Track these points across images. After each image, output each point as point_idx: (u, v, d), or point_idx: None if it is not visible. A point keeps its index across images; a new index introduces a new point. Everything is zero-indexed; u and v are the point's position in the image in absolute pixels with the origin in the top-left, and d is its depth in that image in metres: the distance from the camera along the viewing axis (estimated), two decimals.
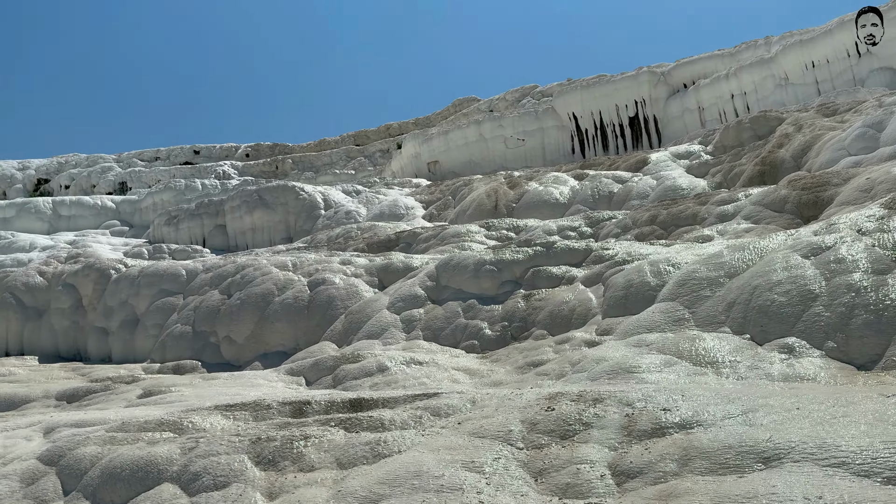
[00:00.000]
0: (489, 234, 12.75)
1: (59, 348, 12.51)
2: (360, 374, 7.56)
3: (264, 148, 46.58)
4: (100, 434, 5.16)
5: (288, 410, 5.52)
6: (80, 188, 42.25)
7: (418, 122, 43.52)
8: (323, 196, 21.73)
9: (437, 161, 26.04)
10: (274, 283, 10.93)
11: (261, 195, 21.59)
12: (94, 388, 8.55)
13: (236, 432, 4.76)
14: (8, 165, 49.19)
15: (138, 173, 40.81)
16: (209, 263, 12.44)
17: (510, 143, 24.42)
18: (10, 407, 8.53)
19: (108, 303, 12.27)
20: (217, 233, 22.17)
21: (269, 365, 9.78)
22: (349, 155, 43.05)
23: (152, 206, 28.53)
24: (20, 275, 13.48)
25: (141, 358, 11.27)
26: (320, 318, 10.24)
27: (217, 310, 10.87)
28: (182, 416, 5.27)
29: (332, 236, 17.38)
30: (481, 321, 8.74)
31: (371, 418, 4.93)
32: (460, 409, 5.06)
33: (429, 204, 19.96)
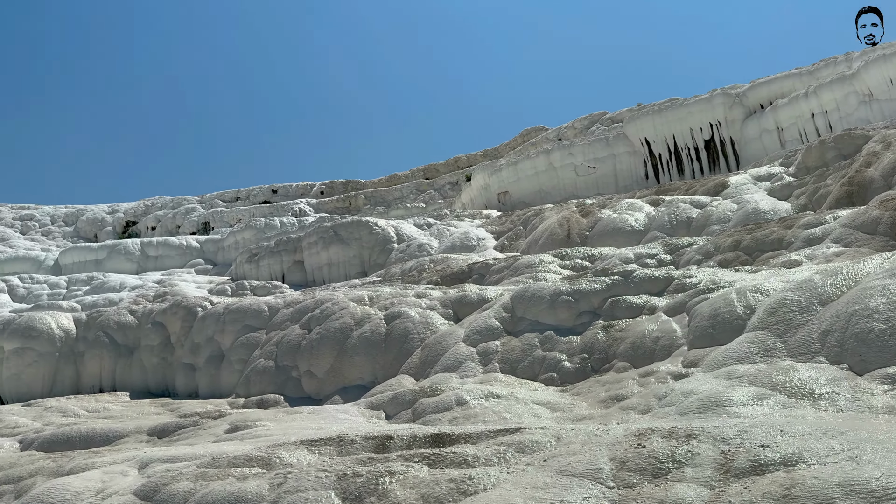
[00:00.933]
0: (563, 264, 12.61)
1: (149, 384, 13.03)
2: (439, 408, 7.53)
3: (338, 184, 47.81)
4: (192, 469, 5.30)
5: (371, 445, 5.55)
6: (166, 229, 44.32)
7: (486, 153, 43.81)
8: (395, 230, 22.05)
9: (507, 191, 26.06)
10: (352, 317, 11.09)
11: (336, 231, 22.10)
12: (183, 423, 8.83)
13: (322, 468, 4.81)
14: (99, 209, 52.19)
15: (220, 213, 42.52)
16: (290, 299, 12.76)
17: (581, 170, 24.22)
18: (105, 442, 8.90)
19: (195, 339, 12.73)
20: (295, 269, 22.77)
21: (348, 399, 9.89)
22: (419, 188, 43.67)
23: (234, 244, 29.60)
24: (112, 314, 14.17)
25: (226, 393, 11.60)
26: (397, 352, 10.31)
27: (298, 344, 11.11)
28: (269, 452, 5.37)
29: (406, 269, 17.57)
30: (559, 353, 8.60)
31: (454, 454, 4.89)
32: (545, 446, 4.96)
33: (500, 235, 19.95)
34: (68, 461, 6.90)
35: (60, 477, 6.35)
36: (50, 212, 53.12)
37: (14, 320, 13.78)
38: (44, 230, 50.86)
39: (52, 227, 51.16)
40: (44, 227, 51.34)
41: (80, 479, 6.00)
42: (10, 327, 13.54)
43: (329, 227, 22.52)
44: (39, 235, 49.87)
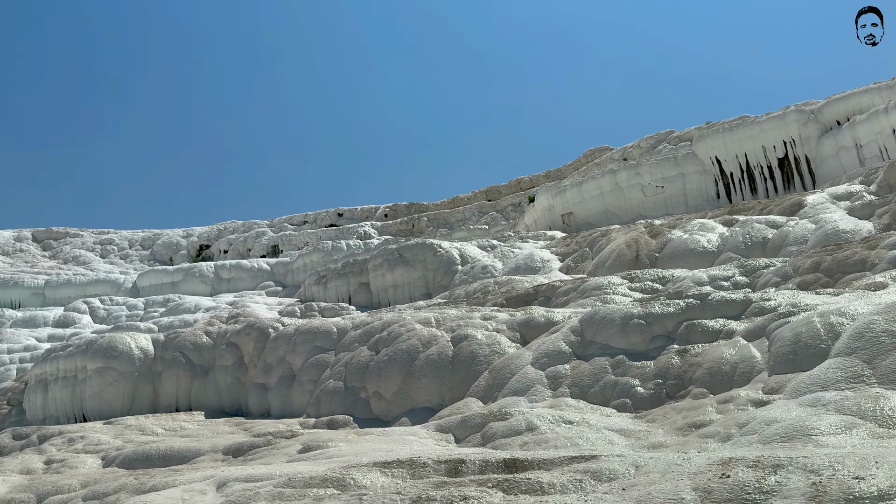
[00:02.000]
0: (633, 286, 12.37)
1: (223, 404, 13.38)
2: (508, 433, 7.46)
3: (401, 207, 48.43)
4: (268, 489, 5.40)
5: (443, 469, 5.53)
6: (238, 252, 45.73)
7: (549, 174, 43.63)
8: (459, 252, 22.11)
9: (572, 212, 25.82)
10: (418, 339, 11.15)
11: (401, 253, 22.33)
12: (257, 442, 9.02)
13: (396, 490, 4.82)
14: (174, 233, 54.30)
15: (289, 237, 43.62)
16: (358, 321, 12.93)
17: (648, 190, 23.80)
18: (182, 460, 9.18)
19: (267, 360, 13.03)
20: (362, 290, 23.09)
21: (416, 420, 9.90)
22: (481, 210, 43.77)
23: (302, 266, 30.27)
24: (188, 335, 14.65)
25: (297, 413, 11.80)
26: (464, 374, 10.28)
27: (366, 366, 11.22)
28: (343, 473, 5.42)
29: (470, 291, 17.56)
30: (632, 378, 8.41)
31: (529, 480, 4.83)
32: (623, 474, 4.84)
33: (565, 256, 19.75)
34: (149, 479, 7.13)
35: (142, 494, 6.57)
36: (128, 236, 55.60)
37: (96, 341, 14.41)
38: (122, 254, 53.24)
39: (130, 251, 53.49)
40: (122, 250, 53.74)
41: (162, 496, 6.19)
42: (92, 347, 14.16)
43: (394, 249, 22.78)
44: (118, 259, 52.22)
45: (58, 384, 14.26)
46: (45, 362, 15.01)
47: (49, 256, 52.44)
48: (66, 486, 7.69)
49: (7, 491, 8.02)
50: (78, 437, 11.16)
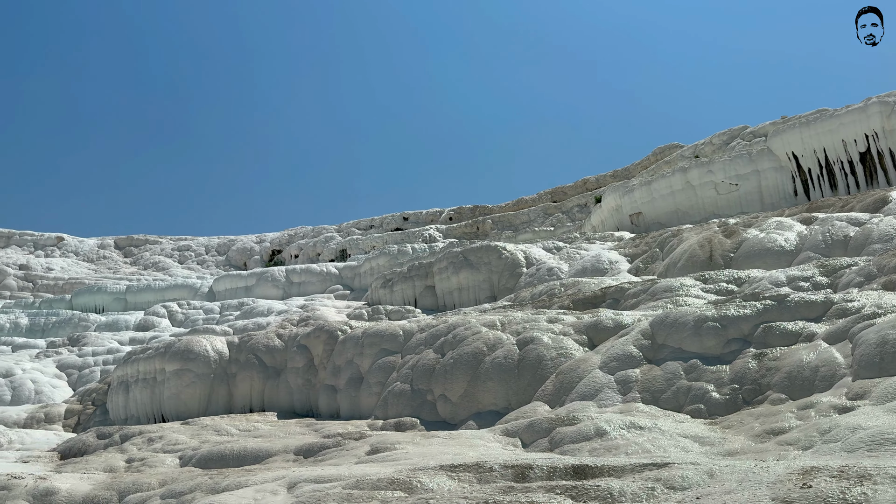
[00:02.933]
0: (706, 288, 11.97)
1: (295, 405, 13.66)
2: (577, 438, 7.33)
3: (465, 210, 48.48)
4: (337, 491, 5.46)
5: (510, 474, 5.47)
6: (307, 256, 46.77)
7: (616, 174, 42.85)
8: (524, 254, 21.94)
9: (640, 212, 25.25)
10: (484, 342, 11.10)
11: (465, 256, 22.33)
12: (327, 443, 9.16)
13: (463, 495, 4.79)
14: (247, 239, 55.98)
15: (356, 241, 44.33)
16: (423, 323, 12.98)
17: (721, 188, 23.03)
18: (256, 460, 9.40)
19: (336, 362, 13.23)
20: (427, 293, 23.21)
21: (482, 424, 9.85)
22: (546, 212, 43.38)
23: (369, 270, 30.68)
24: (261, 338, 15.03)
25: (366, 414, 11.93)
26: (531, 378, 10.17)
27: (432, 369, 11.25)
28: (411, 476, 5.43)
29: (536, 294, 17.39)
30: (706, 383, 8.13)
31: (598, 487, 4.71)
32: (697, 483, 4.67)
33: (634, 257, 19.32)
34: (223, 479, 7.33)
35: (217, 494, 6.75)
36: (204, 242, 57.66)
37: (174, 344, 14.96)
38: (199, 259, 55.24)
39: (207, 257, 55.45)
40: (199, 256, 55.76)
41: (235, 496, 6.35)
42: (170, 350, 14.71)
43: (458, 252, 22.80)
44: (195, 264, 54.21)
45: (138, 385, 14.87)
46: (127, 364, 15.68)
47: (130, 263, 54.93)
48: (146, 485, 8.00)
49: (91, 488, 8.39)
50: (157, 437, 11.60)
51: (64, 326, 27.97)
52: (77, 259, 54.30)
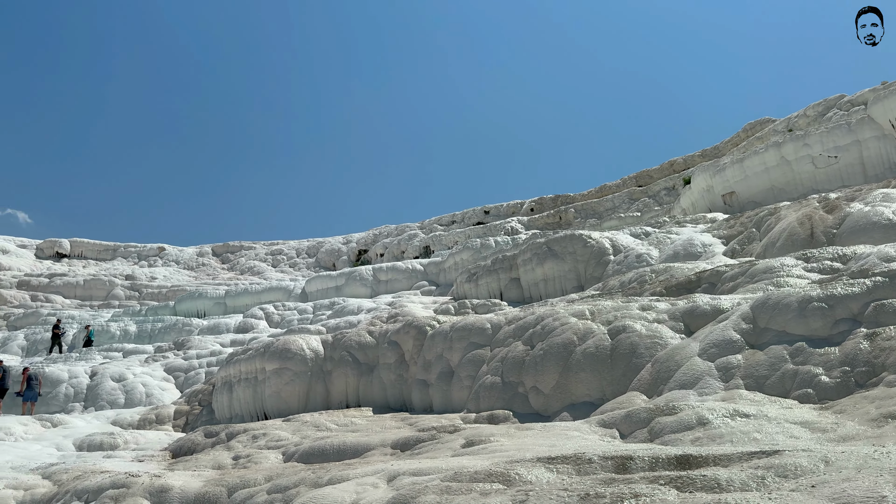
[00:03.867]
0: (809, 267, 11.35)
1: (388, 399, 13.90)
2: (678, 428, 7.09)
3: (547, 200, 47.93)
4: (436, 483, 5.50)
5: (610, 465, 5.35)
6: (392, 254, 47.51)
7: (705, 153, 41.29)
8: (611, 241, 21.47)
9: (734, 192, 24.21)
10: (574, 332, 10.92)
11: (549, 246, 22.07)
12: (422, 437, 9.26)
13: (563, 487, 4.72)
14: (335, 241, 57.43)
15: (438, 237, 44.65)
16: (510, 316, 12.92)
17: (819, 161, 21.77)
18: (355, 454, 9.62)
19: (426, 357, 13.37)
20: (512, 286, 23.11)
21: (576, 415, 9.71)
22: (632, 197, 42.31)
23: (453, 265, 30.85)
24: (353, 335, 15.37)
25: (458, 408, 12.00)
26: (625, 367, 9.93)
27: (522, 361, 11.18)
28: (508, 468, 5.40)
29: (625, 282, 16.98)
30: (814, 367, 7.70)
31: (705, 477, 4.54)
32: (811, 470, 4.42)
33: (729, 239, 18.55)
34: (325, 473, 7.53)
35: (320, 488, 6.94)
36: (295, 246, 59.58)
37: (272, 344, 15.50)
38: (291, 262, 57.12)
39: (298, 260, 57.28)
40: (290, 259, 57.66)
41: (337, 489, 6.50)
42: (269, 350, 15.26)
43: (542, 242, 22.56)
44: (287, 267, 56.10)
45: (240, 385, 15.51)
46: (229, 365, 16.39)
47: (227, 268, 57.42)
48: (252, 480, 8.32)
49: (202, 485, 8.81)
50: (261, 434, 12.05)
51: (169, 332, 29.56)
52: (178, 267, 57.24)
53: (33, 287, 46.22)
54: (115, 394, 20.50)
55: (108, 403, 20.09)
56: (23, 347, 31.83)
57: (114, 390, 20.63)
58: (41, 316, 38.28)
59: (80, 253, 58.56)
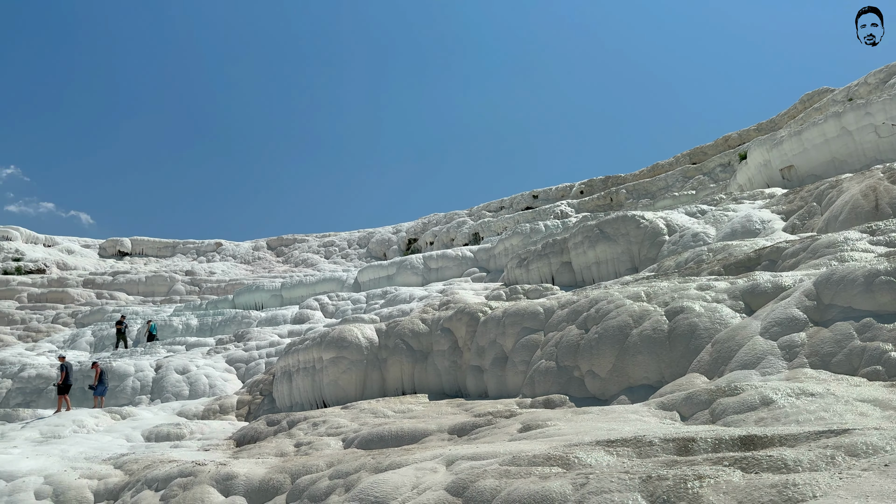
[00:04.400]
0: (874, 240, 10.89)
1: (443, 386, 13.98)
2: (741, 409, 6.92)
3: (597, 182, 47.23)
4: (494, 468, 5.51)
5: (672, 447, 5.27)
6: (442, 242, 47.62)
7: (761, 127, 40.01)
8: (665, 221, 21.04)
9: (792, 165, 23.41)
10: (629, 314, 10.76)
11: (601, 228, 21.76)
12: (478, 422, 9.28)
13: (624, 469, 4.67)
14: (385, 231, 57.87)
15: (487, 223, 44.53)
16: (563, 300, 12.81)
17: (883, 131, 20.84)
18: (413, 440, 9.71)
19: (479, 343, 13.38)
20: (564, 270, 22.89)
21: (634, 399, 9.58)
22: (686, 175, 41.34)
23: (503, 251, 30.74)
24: (407, 323, 15.49)
25: (513, 393, 11.99)
26: (684, 349, 9.74)
27: (577, 345, 11.08)
28: (567, 452, 5.37)
29: (681, 262, 16.63)
30: (883, 343, 7.41)
31: (771, 458, 4.42)
32: (884, 449, 4.26)
33: (788, 214, 17.96)
34: (384, 458, 7.63)
35: (380, 473, 7.03)
36: (346, 237, 60.30)
37: (328, 333, 15.75)
38: (342, 253, 57.87)
39: (349, 250, 57.98)
40: (342, 250, 58.41)
41: (397, 474, 6.58)
42: (325, 340, 15.51)
43: (593, 225, 22.26)
44: (340, 258, 56.86)
45: (299, 374, 15.82)
46: (288, 355, 16.73)
47: (282, 261, 58.55)
48: (314, 467, 8.49)
49: (266, 472, 9.03)
50: (321, 422, 12.28)
51: (229, 324, 30.35)
52: (235, 262, 58.61)
53: (98, 285, 48.06)
54: (179, 386, 21.19)
55: (173, 395, 20.78)
56: (91, 343, 33.19)
57: (178, 382, 21.32)
58: (106, 313, 39.82)
59: (140, 251, 60.54)
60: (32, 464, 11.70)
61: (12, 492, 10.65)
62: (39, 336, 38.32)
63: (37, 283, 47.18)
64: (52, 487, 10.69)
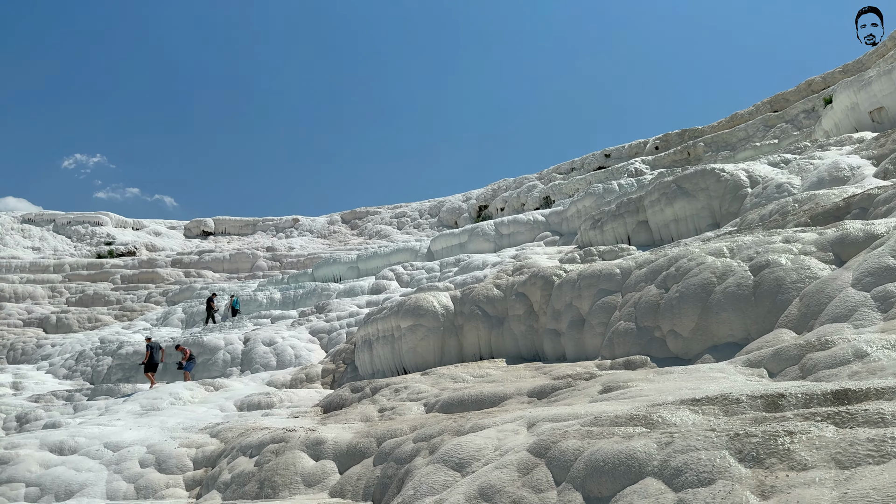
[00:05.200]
0: None
1: (520, 350, 14.01)
2: (832, 363, 6.65)
3: (672, 137, 45.69)
4: (576, 428, 5.50)
5: (760, 404, 5.12)
6: (512, 208, 47.30)
7: (847, 68, 37.63)
8: (747, 173, 20.20)
9: (882, 107, 21.95)
10: (711, 271, 10.44)
11: (679, 184, 21.11)
12: (557, 385, 9.28)
13: (710, 427, 4.58)
14: (455, 199, 57.92)
15: (558, 186, 43.89)
16: (641, 259, 12.54)
17: None
18: (492, 403, 9.81)
19: (555, 306, 13.30)
20: (640, 229, 22.38)
21: (719, 357, 9.35)
22: (767, 123, 39.46)
23: (576, 213, 30.28)
24: (481, 289, 15.55)
25: (591, 355, 11.90)
26: (770, 304, 9.39)
27: (656, 304, 10.86)
28: (650, 411, 5.30)
29: (765, 214, 15.97)
30: None
31: (867, 412, 4.24)
32: None
33: (879, 159, 16.92)
34: (466, 421, 7.74)
35: (462, 435, 7.15)
36: (417, 207, 60.74)
37: (405, 302, 16.00)
38: (414, 223, 58.38)
39: (421, 220, 58.43)
40: (414, 220, 58.92)
41: (479, 437, 6.68)
42: (403, 308, 15.77)
43: (670, 181, 21.60)
44: (412, 228, 57.40)
45: (379, 343, 16.18)
46: (367, 325, 17.12)
47: (356, 234, 59.63)
48: (398, 431, 8.71)
49: (352, 437, 9.33)
50: (402, 388, 12.56)
51: (310, 297, 31.26)
52: (312, 237, 60.09)
53: (185, 264, 50.27)
54: (267, 357, 22.06)
55: (261, 366, 21.67)
56: (182, 320, 34.89)
57: (266, 354, 22.20)
58: (195, 290, 41.69)
59: (223, 229, 62.84)
60: (135, 434, 12.48)
61: (119, 461, 11.41)
62: (134, 315, 40.59)
63: (128, 264, 49.80)
64: (155, 456, 11.39)
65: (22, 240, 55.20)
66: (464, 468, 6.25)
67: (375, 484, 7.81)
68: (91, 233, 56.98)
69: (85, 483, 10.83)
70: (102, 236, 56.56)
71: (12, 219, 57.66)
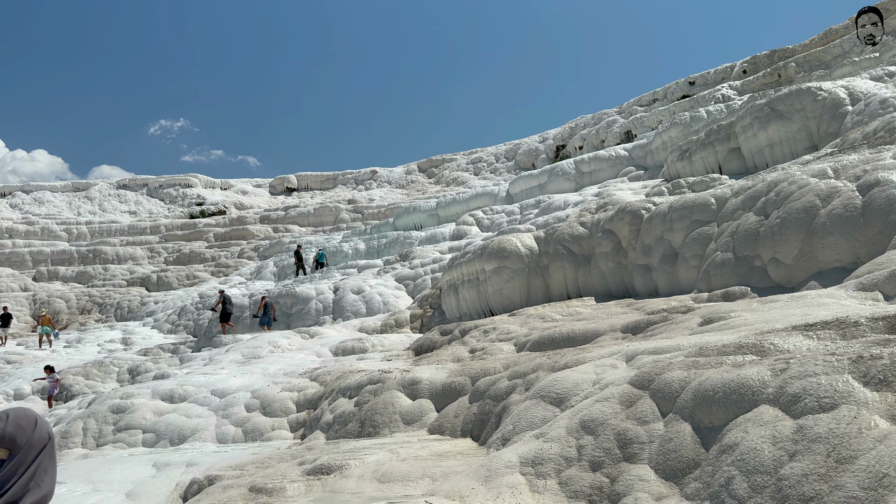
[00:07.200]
0: None
1: (609, 287, 13.74)
2: None
3: (761, 59, 42.99)
4: (680, 360, 5.33)
5: (882, 326, 4.79)
6: (591, 145, 46.04)
7: None
8: (846, 90, 18.78)
9: None
10: (815, 194, 9.82)
11: (772, 107, 19.88)
12: (653, 319, 9.05)
13: (829, 351, 4.31)
14: (531, 140, 56.92)
15: (640, 119, 42.29)
16: (737, 187, 11.93)
17: None
18: (585, 340, 9.69)
19: (645, 241, 12.91)
20: (732, 157, 21.33)
21: (826, 283, 8.85)
22: None
23: (661, 145, 29.13)
24: (565, 228, 15.26)
25: (686, 289, 11.53)
26: (881, 225, 8.77)
27: (756, 232, 10.34)
28: (760, 339, 5.05)
29: (869, 132, 14.86)
30: None
31: None
32: None
33: None
34: (560, 357, 7.67)
35: (558, 371, 7.09)
36: (493, 151, 60.10)
37: (488, 245, 15.93)
38: (491, 168, 57.88)
39: (497, 164, 57.85)
40: (490, 165, 58.40)
41: (576, 372, 6.59)
42: (486, 251, 15.71)
43: (763, 104, 20.36)
44: (488, 173, 56.95)
45: (464, 286, 16.25)
46: (452, 269, 17.20)
47: (433, 182, 59.73)
48: (492, 369, 8.75)
49: (446, 376, 9.45)
50: (490, 329, 12.60)
51: (393, 245, 31.72)
52: (391, 187, 60.64)
53: (273, 220, 51.90)
54: (357, 305, 22.63)
55: (352, 314, 22.27)
56: (274, 273, 36.19)
57: (355, 301, 22.77)
58: (284, 245, 43.06)
59: (305, 185, 64.30)
60: (240, 381, 13.11)
61: (227, 406, 12.03)
62: (229, 270, 42.42)
63: (220, 223, 51.84)
64: (259, 401, 11.94)
65: (119, 205, 58.31)
66: (562, 403, 6.20)
67: (473, 420, 7.90)
68: (182, 195, 59.49)
69: (196, 428, 11.50)
70: (193, 197, 58.96)
71: (108, 185, 60.87)
